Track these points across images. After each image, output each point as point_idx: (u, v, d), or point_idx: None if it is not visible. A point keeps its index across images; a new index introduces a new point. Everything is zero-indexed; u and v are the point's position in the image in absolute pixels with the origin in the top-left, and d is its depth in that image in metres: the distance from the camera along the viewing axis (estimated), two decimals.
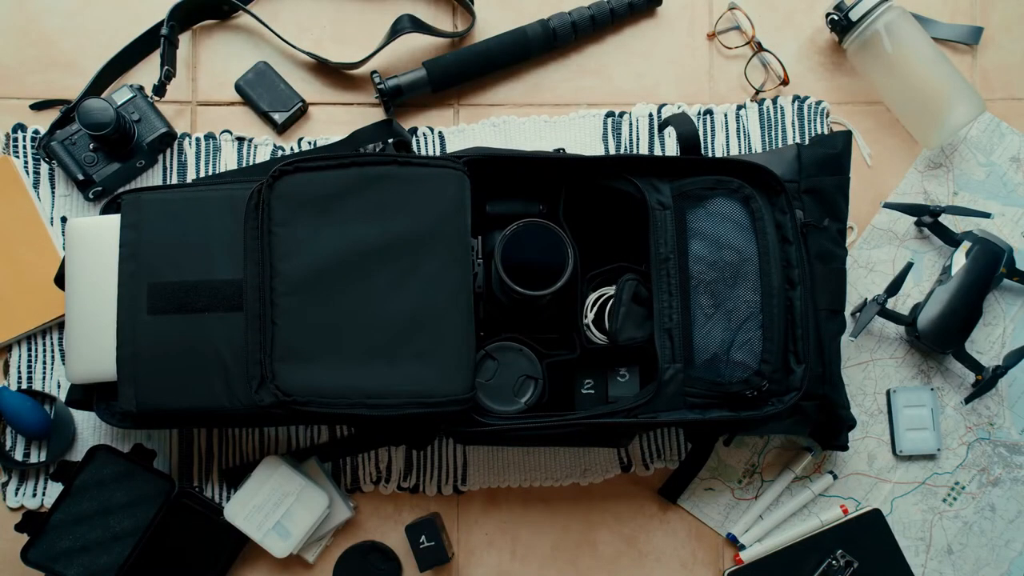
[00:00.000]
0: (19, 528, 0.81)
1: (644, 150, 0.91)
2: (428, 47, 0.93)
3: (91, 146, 0.85)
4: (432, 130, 0.91)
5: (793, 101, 0.92)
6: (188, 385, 0.75)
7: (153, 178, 0.90)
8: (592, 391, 0.80)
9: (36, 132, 0.89)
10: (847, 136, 0.85)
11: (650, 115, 0.92)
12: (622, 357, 0.80)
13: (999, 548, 0.88)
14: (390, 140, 0.85)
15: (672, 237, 0.77)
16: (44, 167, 0.89)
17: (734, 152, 0.92)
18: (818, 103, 0.92)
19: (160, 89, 0.87)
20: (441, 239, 0.75)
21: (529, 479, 0.87)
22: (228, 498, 0.85)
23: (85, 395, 0.79)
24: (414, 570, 0.84)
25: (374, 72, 0.89)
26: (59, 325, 0.87)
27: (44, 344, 0.87)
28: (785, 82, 0.92)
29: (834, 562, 0.86)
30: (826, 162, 0.84)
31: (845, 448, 0.83)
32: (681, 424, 0.76)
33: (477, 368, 0.76)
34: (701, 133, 0.90)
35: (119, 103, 0.86)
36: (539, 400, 0.77)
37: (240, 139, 0.91)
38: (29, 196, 0.88)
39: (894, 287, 0.87)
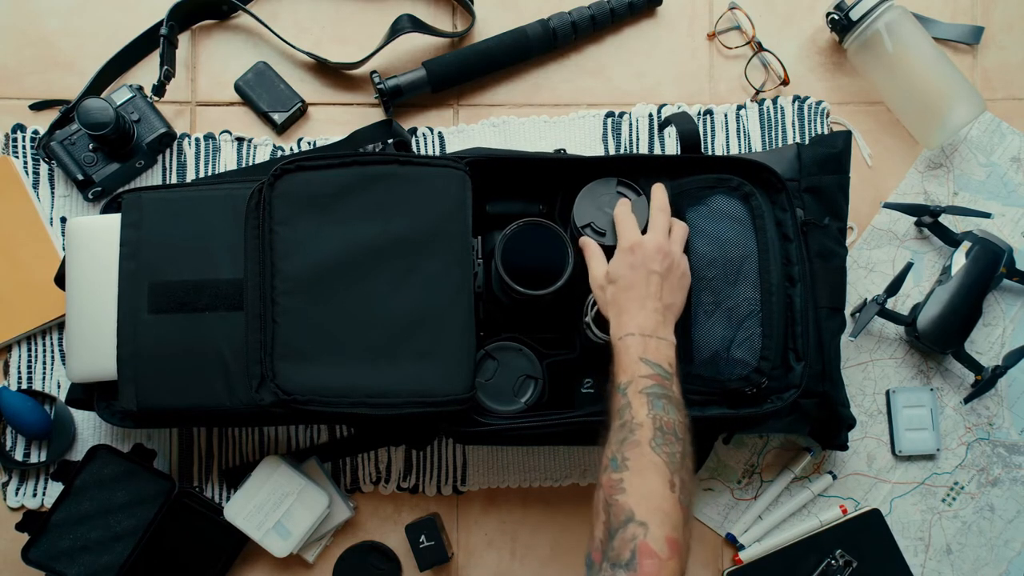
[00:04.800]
0: (20, 528, 0.82)
1: (644, 150, 0.91)
2: (428, 47, 0.93)
3: (90, 146, 0.85)
4: (432, 130, 0.91)
5: (793, 101, 0.92)
6: (189, 384, 0.75)
7: (153, 178, 0.90)
8: (592, 390, 0.80)
9: (36, 132, 0.89)
10: (847, 135, 0.85)
11: (650, 115, 0.92)
12: None
13: (998, 548, 0.88)
14: (390, 140, 0.85)
15: None
16: (44, 167, 0.89)
17: (734, 152, 0.92)
18: (818, 103, 0.92)
19: (159, 89, 0.87)
20: (442, 239, 0.75)
21: (529, 479, 0.87)
22: (228, 498, 0.85)
23: (85, 394, 0.79)
24: (414, 570, 0.84)
25: (374, 72, 0.89)
26: (59, 325, 0.87)
27: (44, 344, 0.87)
28: (785, 82, 0.92)
29: (833, 562, 0.86)
30: (826, 161, 0.84)
31: (845, 448, 0.83)
32: None
33: (477, 368, 0.76)
34: (701, 133, 0.90)
35: (118, 103, 0.86)
36: (539, 400, 0.77)
37: (240, 139, 0.91)
38: (29, 196, 0.88)
39: (894, 287, 0.87)
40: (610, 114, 0.92)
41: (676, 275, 0.71)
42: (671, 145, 0.92)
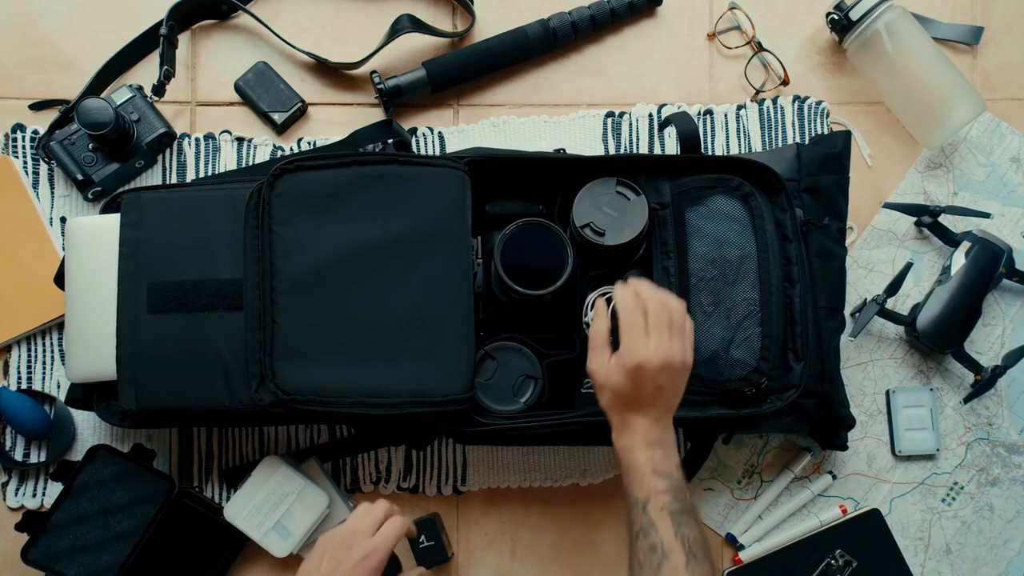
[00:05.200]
0: (19, 528, 0.82)
1: (644, 150, 0.91)
2: (428, 47, 0.93)
3: (90, 146, 0.85)
4: (432, 130, 0.91)
5: (793, 101, 0.92)
6: (188, 384, 0.75)
7: (152, 178, 0.90)
8: (592, 390, 0.80)
9: (35, 132, 0.89)
10: (847, 135, 0.85)
11: (650, 115, 0.92)
12: None
13: (997, 548, 0.88)
14: (390, 140, 0.85)
15: (672, 235, 0.77)
16: (43, 167, 0.89)
17: (734, 152, 0.92)
18: (818, 103, 0.92)
19: (159, 89, 0.87)
20: (442, 239, 0.75)
21: (529, 479, 0.87)
22: (228, 498, 0.85)
23: (85, 394, 0.79)
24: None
25: (374, 72, 0.89)
26: (59, 325, 0.87)
27: (44, 344, 0.87)
28: (785, 82, 0.92)
29: (833, 562, 0.86)
30: (826, 161, 0.84)
31: (844, 448, 0.83)
32: (680, 421, 0.76)
33: (477, 368, 0.76)
34: (701, 133, 0.90)
35: (118, 103, 0.86)
36: (539, 400, 0.77)
37: (240, 139, 0.91)
38: (28, 196, 0.88)
39: (893, 287, 0.87)
40: (610, 114, 0.92)
41: (681, 378, 0.67)
42: (671, 145, 0.92)
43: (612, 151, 0.91)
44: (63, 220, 0.88)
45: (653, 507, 0.63)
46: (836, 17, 0.90)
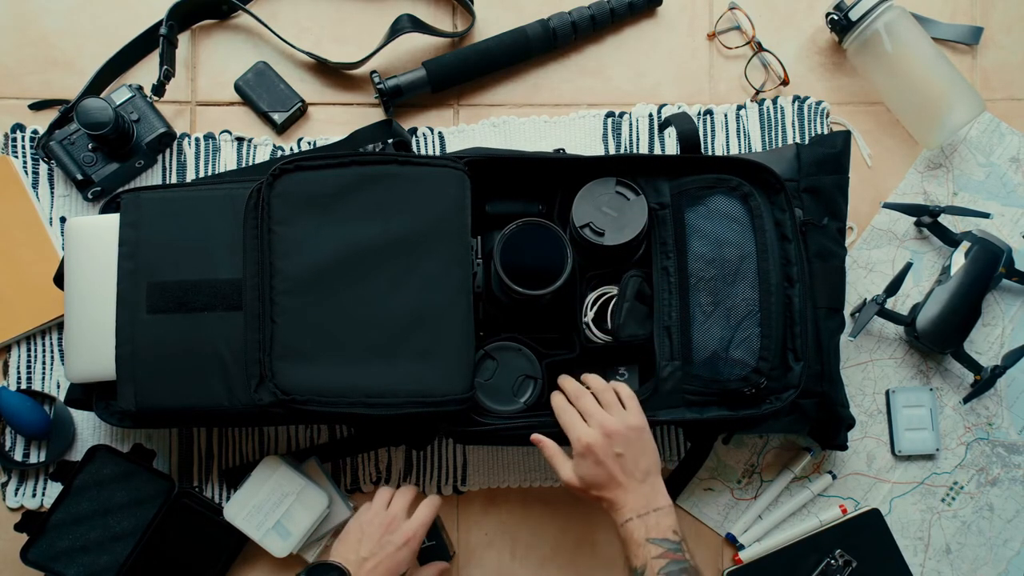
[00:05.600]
0: (19, 528, 0.82)
1: (644, 150, 0.91)
2: (428, 47, 0.93)
3: (90, 146, 0.85)
4: (432, 130, 0.91)
5: (793, 101, 0.92)
6: (187, 384, 0.75)
7: (152, 178, 0.90)
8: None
9: (35, 132, 0.89)
10: (846, 135, 0.85)
11: (650, 115, 0.92)
12: (621, 356, 0.80)
13: (997, 547, 0.88)
14: (390, 140, 0.85)
15: (671, 235, 0.77)
16: (43, 167, 0.89)
17: (734, 152, 0.92)
18: (818, 103, 0.92)
19: (159, 89, 0.87)
20: (441, 238, 0.75)
21: (529, 479, 0.87)
22: (228, 498, 0.85)
23: (85, 394, 0.79)
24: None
25: (374, 72, 0.89)
26: (59, 325, 0.87)
27: (44, 344, 0.87)
28: (785, 82, 0.92)
29: (833, 562, 0.86)
30: (825, 161, 0.84)
31: (844, 448, 0.83)
32: (679, 423, 0.76)
33: (476, 368, 0.76)
34: (701, 133, 0.90)
35: (118, 103, 0.86)
36: (538, 400, 0.77)
37: (239, 139, 0.90)
38: (28, 196, 0.88)
39: (893, 287, 0.87)
40: (610, 114, 0.92)
41: (638, 439, 0.71)
42: (671, 145, 0.92)
43: (612, 151, 0.91)
44: (63, 220, 0.88)
45: (650, 573, 0.66)
46: (836, 17, 0.90)
